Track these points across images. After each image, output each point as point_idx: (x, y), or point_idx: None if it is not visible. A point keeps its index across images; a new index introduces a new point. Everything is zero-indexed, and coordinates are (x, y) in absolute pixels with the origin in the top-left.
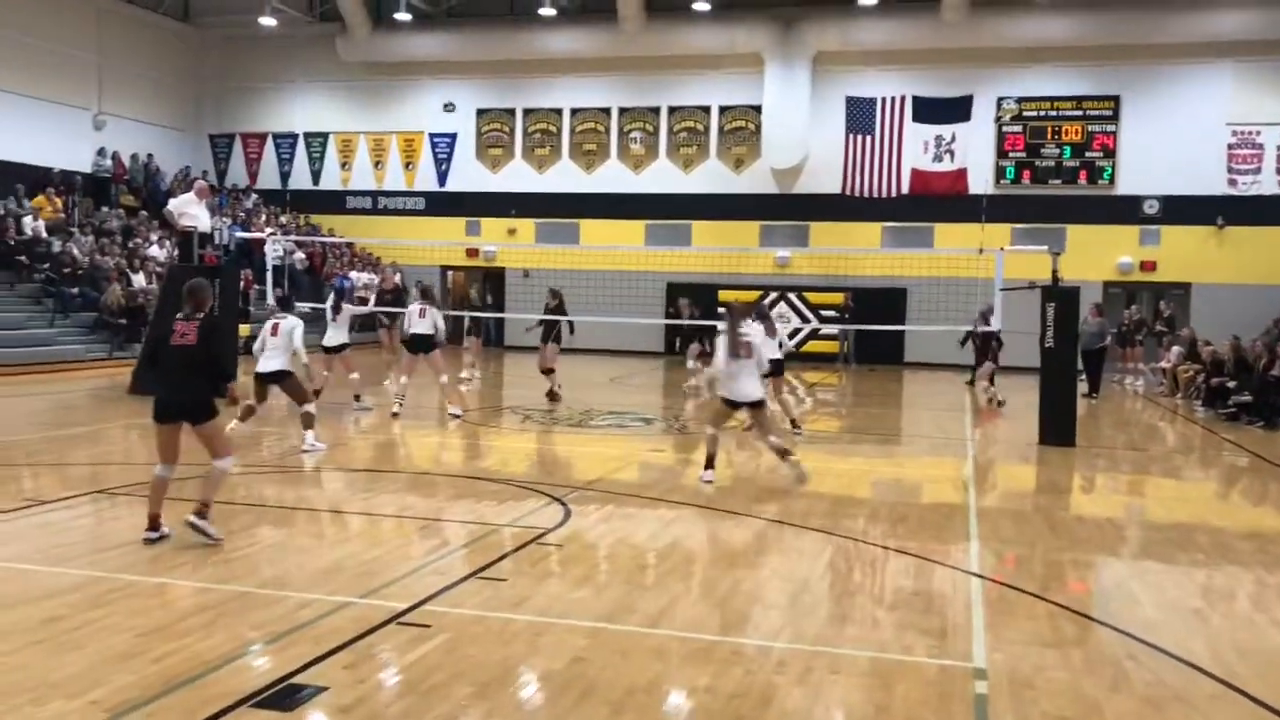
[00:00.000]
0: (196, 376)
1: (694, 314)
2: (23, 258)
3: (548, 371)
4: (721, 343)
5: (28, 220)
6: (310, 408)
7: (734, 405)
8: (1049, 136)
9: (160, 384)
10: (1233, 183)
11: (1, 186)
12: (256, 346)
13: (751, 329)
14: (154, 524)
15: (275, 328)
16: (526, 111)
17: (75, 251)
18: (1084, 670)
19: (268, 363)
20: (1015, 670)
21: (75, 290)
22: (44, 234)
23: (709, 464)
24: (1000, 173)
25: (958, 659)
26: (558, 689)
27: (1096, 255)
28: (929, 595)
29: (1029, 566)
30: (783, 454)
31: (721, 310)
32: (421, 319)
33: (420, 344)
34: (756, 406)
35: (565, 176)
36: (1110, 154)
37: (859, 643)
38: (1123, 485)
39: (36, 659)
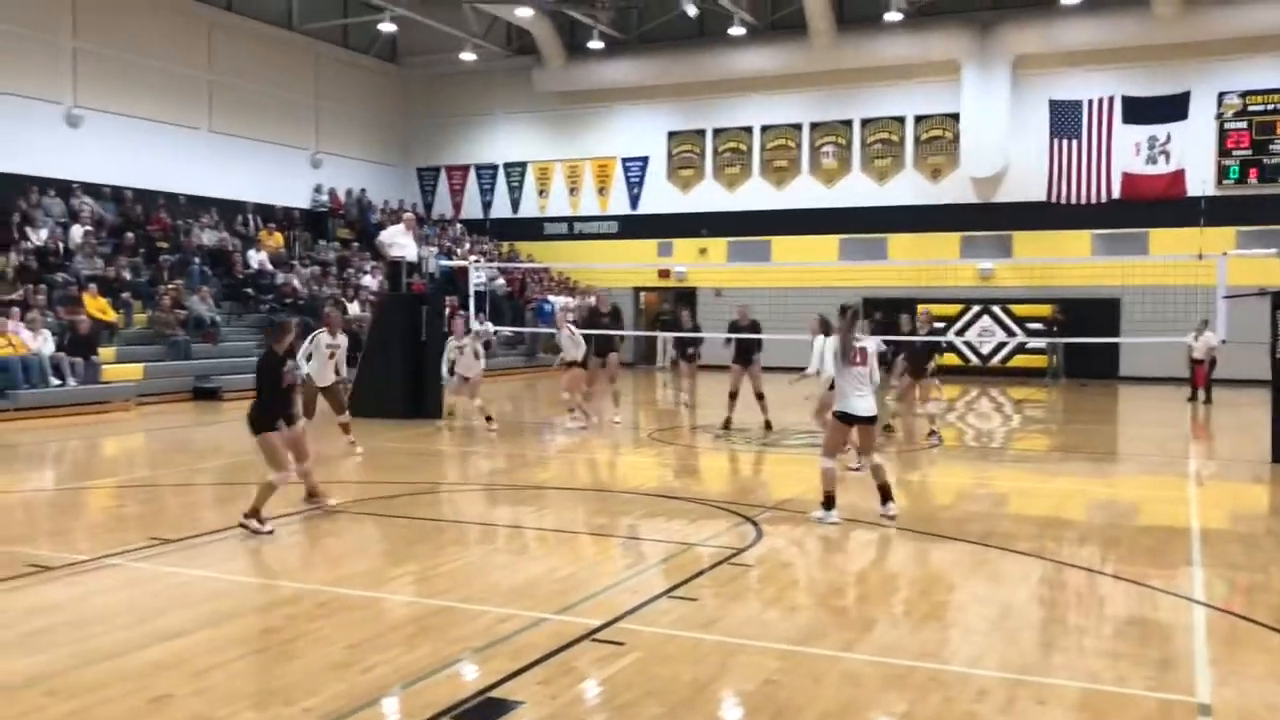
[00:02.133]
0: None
1: (697, 325)
2: (249, 289)
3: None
4: (832, 345)
5: (252, 254)
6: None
7: (850, 420)
8: (1278, 131)
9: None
10: None
11: (230, 223)
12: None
13: (867, 338)
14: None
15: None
16: (716, 131)
17: (295, 282)
18: None
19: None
20: (1245, 708)
21: (295, 319)
22: (268, 266)
23: (829, 503)
24: (1223, 172)
25: (1178, 693)
26: (748, 711)
27: None
28: (1145, 623)
29: (1261, 595)
30: (885, 492)
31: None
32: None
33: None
34: (869, 423)
35: (756, 194)
36: None
37: (1068, 672)
38: None
39: (256, 667)
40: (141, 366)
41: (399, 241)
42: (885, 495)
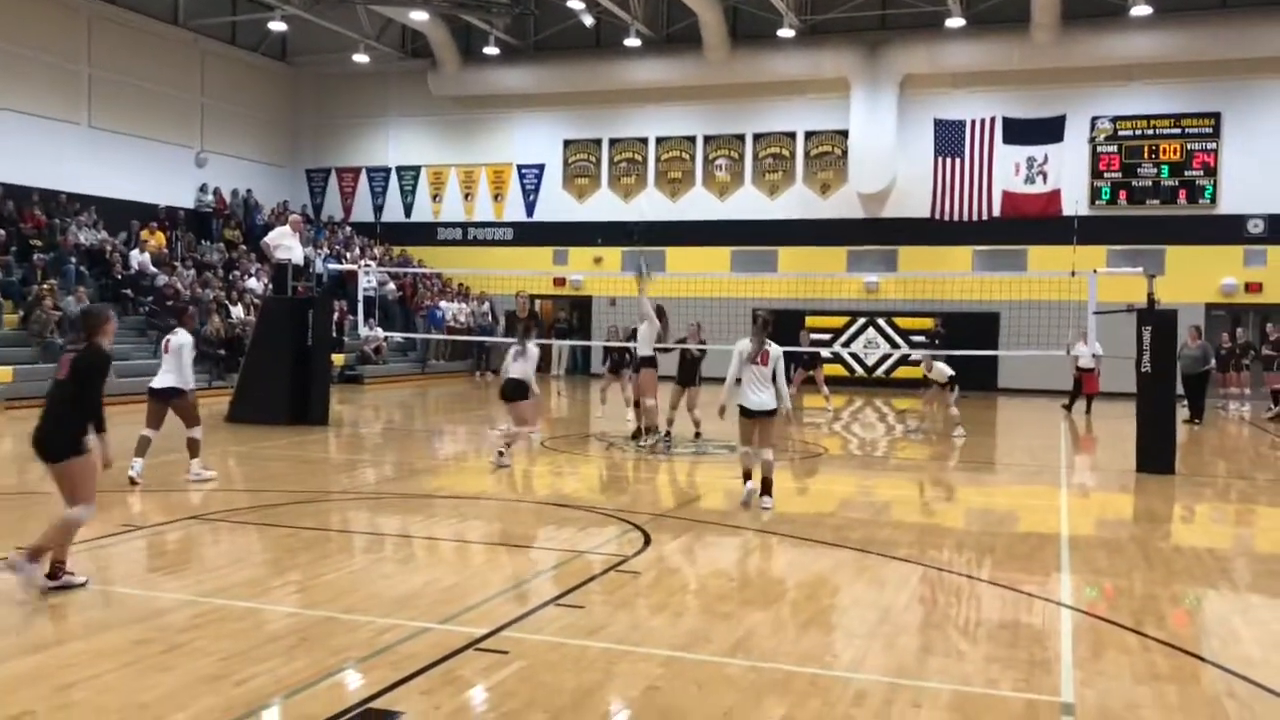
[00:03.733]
0: (60, 410)
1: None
2: (128, 291)
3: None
4: (743, 346)
5: (134, 254)
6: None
7: (748, 414)
8: (1146, 156)
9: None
10: None
11: (111, 223)
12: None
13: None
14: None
15: (166, 344)
16: (613, 141)
17: (178, 284)
18: (1179, 708)
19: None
20: (1106, 707)
21: (177, 322)
22: (149, 267)
23: (747, 476)
24: (1095, 193)
25: (1046, 693)
26: (631, 717)
27: (1198, 277)
28: (1016, 627)
29: (1123, 599)
30: (766, 486)
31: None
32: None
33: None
34: (766, 416)
35: (651, 205)
36: (1211, 172)
37: (942, 675)
38: (1225, 515)
39: (126, 680)
40: (11, 369)
41: (285, 243)
42: (766, 489)
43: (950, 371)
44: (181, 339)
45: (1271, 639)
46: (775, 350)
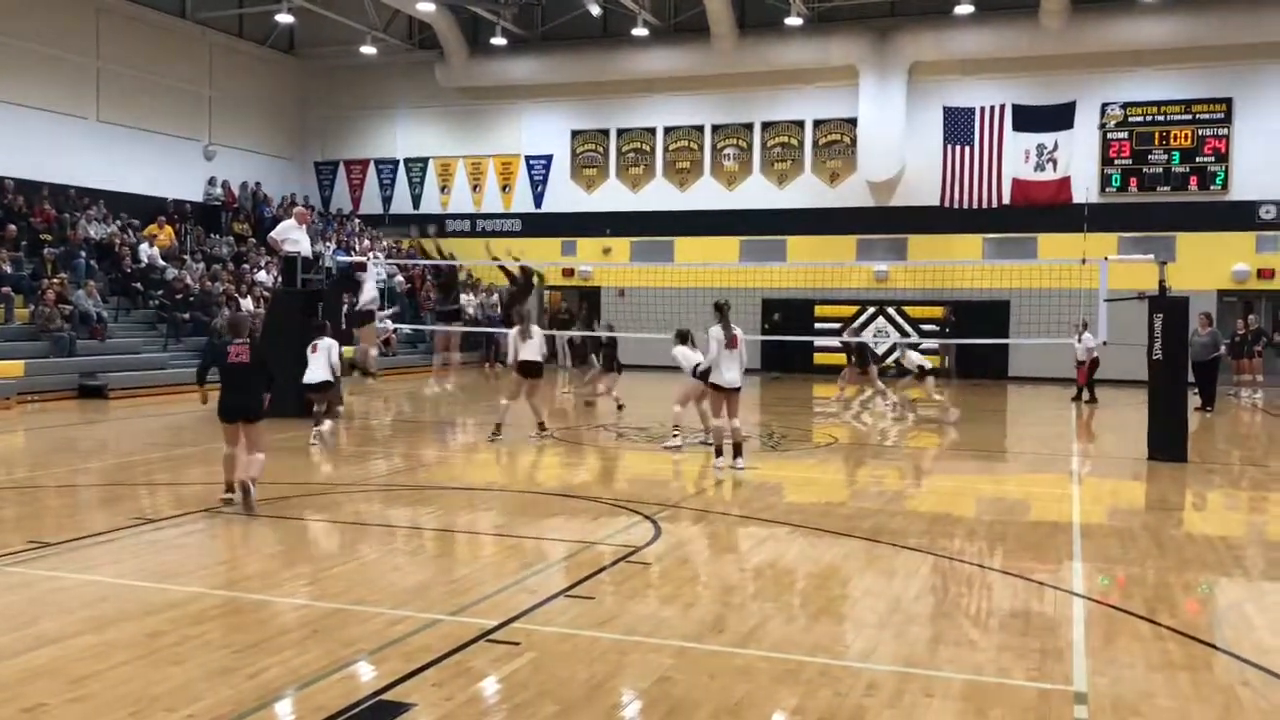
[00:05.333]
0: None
1: (610, 326)
2: (138, 285)
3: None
4: (716, 334)
5: (143, 248)
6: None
7: (722, 390)
8: (1156, 142)
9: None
10: None
11: (120, 217)
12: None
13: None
14: (229, 488)
15: (314, 346)
16: (620, 131)
17: (187, 278)
18: (1193, 696)
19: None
20: (1119, 695)
21: (187, 315)
22: (159, 261)
23: (721, 453)
24: (1105, 180)
25: (1058, 682)
26: (642, 709)
27: (1210, 263)
28: (1028, 616)
29: (1136, 587)
30: (737, 448)
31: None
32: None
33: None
34: (737, 392)
35: (659, 195)
36: (1223, 158)
37: (954, 665)
38: (1237, 502)
39: (138, 673)
40: (22, 363)
41: (292, 236)
42: (738, 451)
43: (921, 361)
44: (328, 342)
45: None
46: (740, 332)
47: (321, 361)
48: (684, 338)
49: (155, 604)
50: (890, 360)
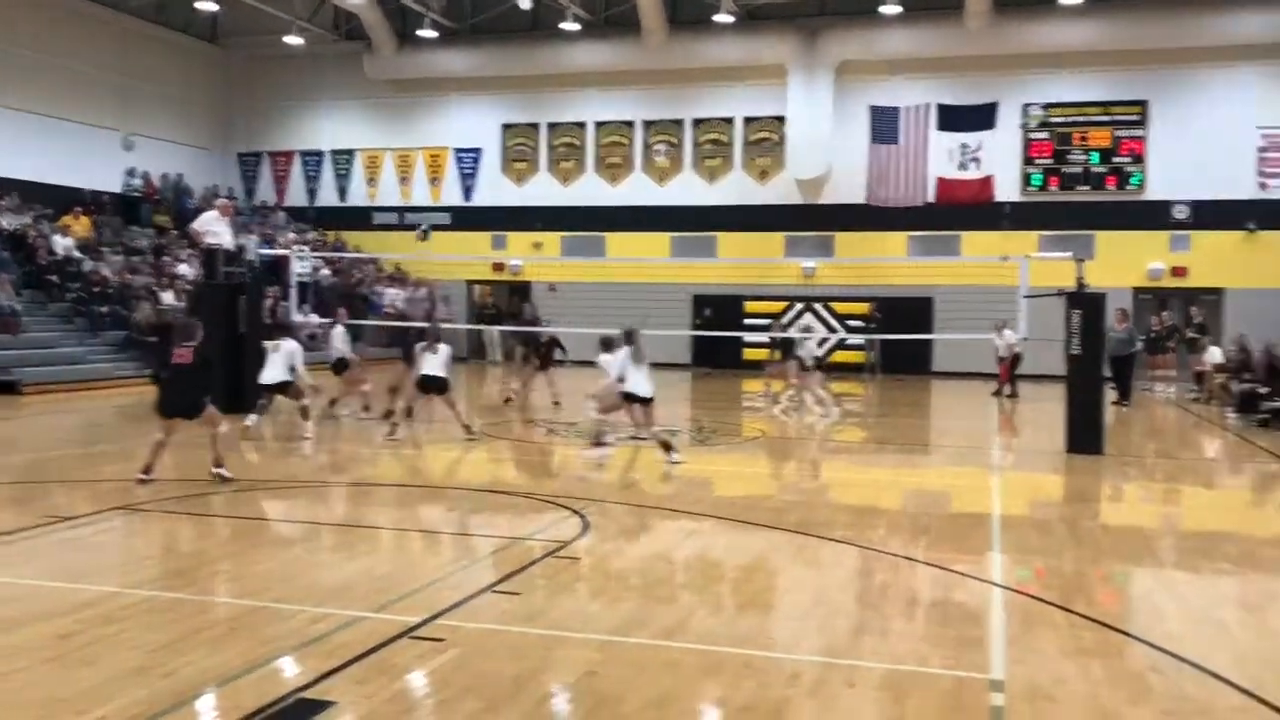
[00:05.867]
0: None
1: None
2: (54, 277)
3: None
4: (628, 352)
5: (58, 240)
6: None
7: (634, 399)
8: (1076, 142)
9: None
10: (1263, 186)
11: (32, 208)
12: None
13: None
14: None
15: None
16: (551, 125)
17: (105, 271)
18: (1105, 682)
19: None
20: (1034, 682)
21: (105, 309)
22: (75, 253)
23: (598, 444)
24: (1026, 179)
25: (975, 671)
26: (568, 703)
27: (1126, 261)
28: (948, 606)
29: (1053, 577)
30: (667, 446)
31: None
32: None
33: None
34: (650, 402)
35: (590, 190)
36: (1139, 159)
37: (875, 655)
38: (1151, 493)
39: (47, 676)
40: None
41: (214, 228)
42: (667, 448)
43: (817, 354)
44: (293, 345)
45: (1194, 614)
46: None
47: (279, 362)
48: (609, 345)
49: (67, 604)
50: (800, 352)
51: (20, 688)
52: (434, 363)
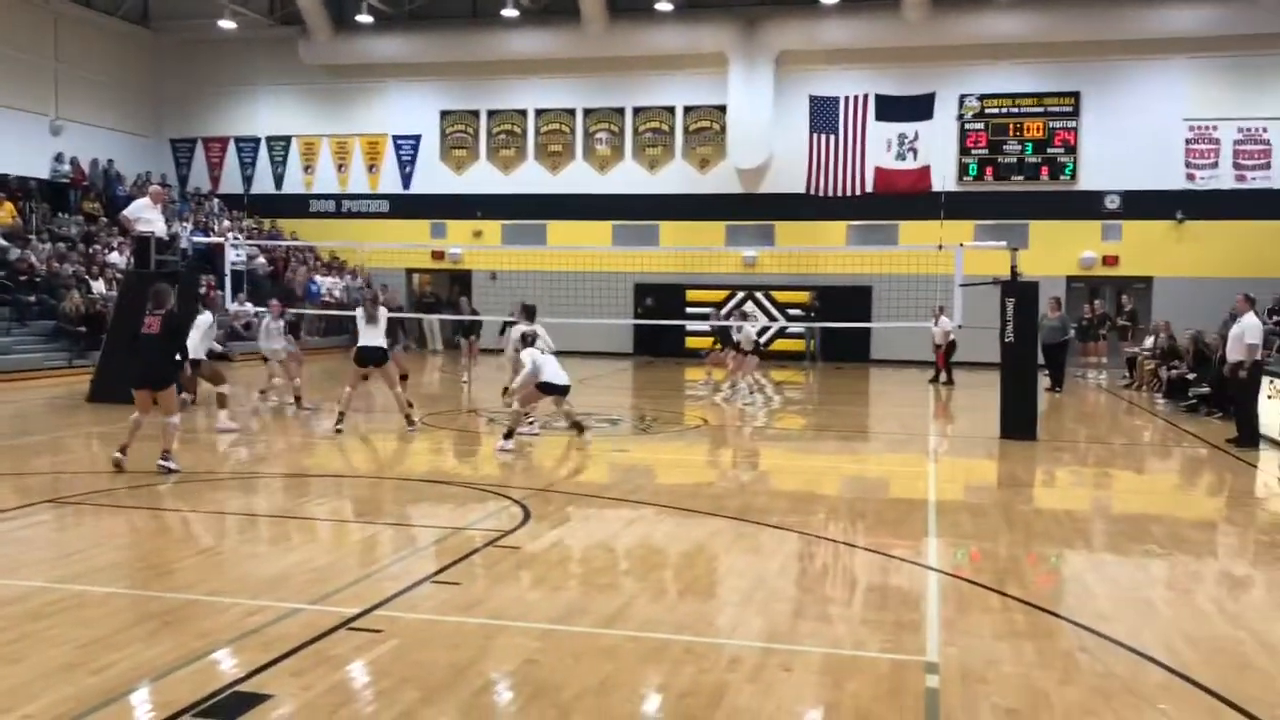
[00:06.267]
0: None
1: (474, 310)
2: None
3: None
4: (535, 353)
5: None
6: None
7: (550, 389)
8: (1011, 133)
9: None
10: (1191, 177)
11: None
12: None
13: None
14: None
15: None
16: (491, 113)
17: (33, 259)
18: (1036, 662)
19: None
20: (967, 664)
21: (33, 298)
22: (0, 241)
23: (509, 435)
24: (963, 170)
25: (910, 654)
26: (506, 691)
27: (1059, 250)
28: (885, 590)
29: (988, 561)
30: (579, 427)
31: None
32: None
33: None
34: (564, 391)
35: (531, 178)
36: (1071, 150)
37: (813, 639)
38: (1083, 478)
39: None
40: None
41: (145, 216)
42: (579, 429)
43: (755, 338)
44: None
45: (1122, 595)
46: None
47: (194, 337)
48: (530, 341)
49: None
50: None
51: None
52: (371, 333)
